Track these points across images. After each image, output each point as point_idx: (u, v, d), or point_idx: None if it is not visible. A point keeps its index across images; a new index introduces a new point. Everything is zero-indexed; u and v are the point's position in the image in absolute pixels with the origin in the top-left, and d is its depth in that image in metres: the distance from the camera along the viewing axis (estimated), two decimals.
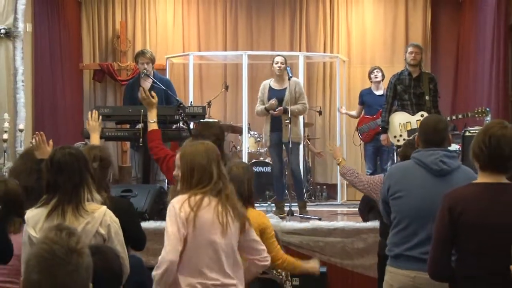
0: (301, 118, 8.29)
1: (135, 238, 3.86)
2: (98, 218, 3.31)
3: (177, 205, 3.27)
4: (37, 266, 1.87)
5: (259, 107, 7.81)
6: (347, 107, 10.01)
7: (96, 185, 3.65)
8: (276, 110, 7.57)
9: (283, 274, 5.59)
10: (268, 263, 3.62)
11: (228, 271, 3.32)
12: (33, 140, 4.55)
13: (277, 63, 7.75)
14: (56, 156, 3.39)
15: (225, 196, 3.33)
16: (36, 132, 4.55)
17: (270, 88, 7.78)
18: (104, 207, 3.38)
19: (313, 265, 4.45)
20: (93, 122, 5.10)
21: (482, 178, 3.08)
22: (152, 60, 7.41)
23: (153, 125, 5.22)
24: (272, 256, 3.93)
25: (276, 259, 4.14)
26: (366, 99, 8.87)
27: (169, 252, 3.20)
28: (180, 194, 3.33)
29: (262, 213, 4.25)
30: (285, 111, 7.55)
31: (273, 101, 7.57)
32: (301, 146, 8.56)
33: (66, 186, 3.35)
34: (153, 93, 5.74)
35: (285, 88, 7.67)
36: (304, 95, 7.88)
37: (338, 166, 5.62)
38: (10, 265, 3.63)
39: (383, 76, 8.69)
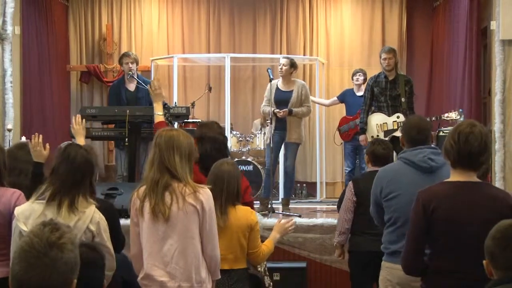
0: (303, 120, 8.21)
1: (115, 240, 3.76)
2: (88, 215, 3.39)
3: None
4: (17, 258, 1.90)
5: (266, 107, 7.74)
6: (325, 108, 10.16)
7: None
8: (282, 111, 7.56)
9: (261, 270, 5.78)
10: None
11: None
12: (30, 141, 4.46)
13: (280, 64, 7.76)
14: (71, 151, 3.50)
15: None
16: (35, 134, 4.45)
17: (277, 89, 7.77)
18: (94, 205, 3.46)
19: (274, 233, 4.35)
20: (77, 126, 5.04)
21: (453, 177, 3.18)
22: (136, 61, 7.49)
23: (159, 117, 5.09)
24: (254, 252, 4.09)
25: (257, 255, 4.17)
26: (348, 99, 8.95)
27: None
28: None
29: (250, 209, 4.21)
30: (290, 112, 7.59)
31: (282, 112, 7.56)
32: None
33: (67, 178, 3.42)
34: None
35: (292, 90, 7.68)
36: (309, 97, 7.91)
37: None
38: None
39: (365, 79, 8.69)
